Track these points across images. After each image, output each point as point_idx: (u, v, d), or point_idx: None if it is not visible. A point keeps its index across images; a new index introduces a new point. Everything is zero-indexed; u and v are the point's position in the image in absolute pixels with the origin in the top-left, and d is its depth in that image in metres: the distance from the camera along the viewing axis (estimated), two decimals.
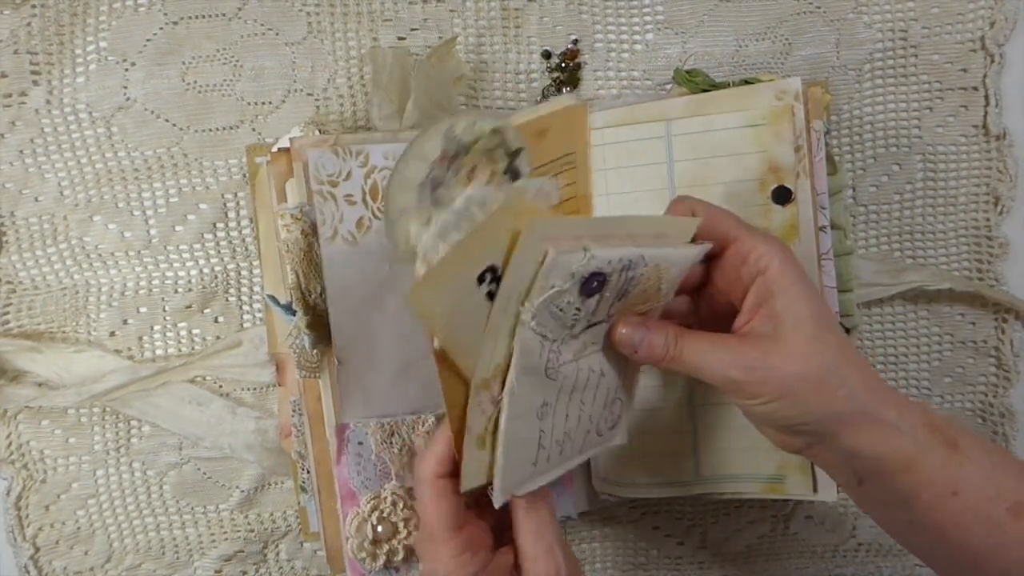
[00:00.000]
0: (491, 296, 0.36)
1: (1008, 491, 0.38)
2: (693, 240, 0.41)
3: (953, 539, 0.39)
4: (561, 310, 0.38)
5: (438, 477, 0.39)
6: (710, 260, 0.42)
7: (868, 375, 0.40)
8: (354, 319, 0.46)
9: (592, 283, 0.38)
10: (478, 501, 0.41)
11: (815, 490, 0.49)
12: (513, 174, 0.37)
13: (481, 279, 0.35)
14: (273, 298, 0.50)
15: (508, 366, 0.38)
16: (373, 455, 0.47)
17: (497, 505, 0.39)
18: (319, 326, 0.46)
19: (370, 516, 0.47)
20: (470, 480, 0.39)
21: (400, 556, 0.47)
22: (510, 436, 0.39)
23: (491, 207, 0.35)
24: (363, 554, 0.47)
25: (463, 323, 0.36)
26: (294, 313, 0.46)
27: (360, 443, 0.47)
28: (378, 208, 0.46)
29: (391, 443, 0.47)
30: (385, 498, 0.47)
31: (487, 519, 0.41)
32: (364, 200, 0.46)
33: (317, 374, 0.48)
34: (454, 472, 0.39)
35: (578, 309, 0.39)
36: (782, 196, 0.46)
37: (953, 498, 0.39)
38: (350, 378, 0.47)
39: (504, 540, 0.41)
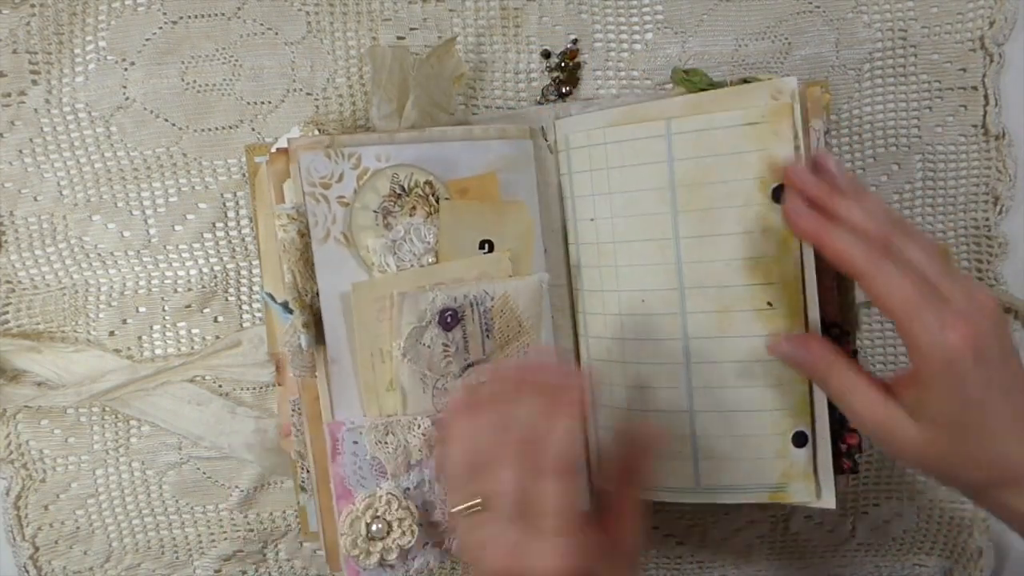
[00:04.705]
0: None
1: None
2: None
3: None
4: (428, 346, 0.47)
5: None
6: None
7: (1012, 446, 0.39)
8: (347, 318, 0.47)
9: (447, 317, 0.47)
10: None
11: (819, 496, 0.49)
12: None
13: None
14: (271, 295, 0.50)
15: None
16: (368, 455, 0.47)
17: None
18: (315, 325, 0.47)
19: (364, 514, 0.47)
20: None
21: (394, 554, 0.47)
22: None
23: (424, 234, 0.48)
24: (356, 551, 0.47)
25: None
26: (291, 312, 0.47)
27: (355, 442, 0.47)
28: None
29: (386, 443, 0.47)
30: (380, 497, 0.47)
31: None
32: None
33: (312, 373, 0.49)
34: None
35: (446, 345, 0.47)
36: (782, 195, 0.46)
37: None
38: (344, 376, 0.47)
39: None
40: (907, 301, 0.39)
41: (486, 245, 0.50)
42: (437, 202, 0.48)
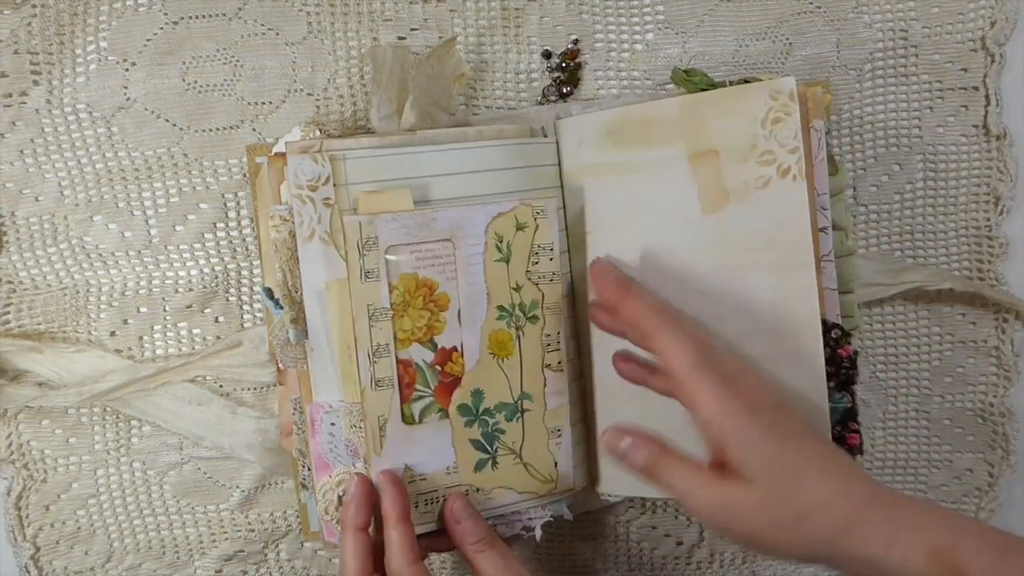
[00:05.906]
0: None
1: None
2: None
3: None
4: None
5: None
6: None
7: (846, 512, 0.38)
8: (324, 313, 0.48)
9: None
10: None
11: None
12: None
13: None
14: (268, 290, 0.51)
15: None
16: (343, 437, 0.48)
17: None
18: (302, 320, 0.48)
19: (337, 487, 0.49)
20: None
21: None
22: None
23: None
24: (328, 517, 0.49)
25: None
26: (282, 308, 0.48)
27: (332, 423, 0.48)
28: None
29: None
30: (352, 475, 0.48)
31: None
32: None
33: (300, 364, 0.49)
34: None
35: None
36: None
37: None
38: (324, 365, 0.48)
39: None
40: (691, 366, 0.41)
41: None
42: None
